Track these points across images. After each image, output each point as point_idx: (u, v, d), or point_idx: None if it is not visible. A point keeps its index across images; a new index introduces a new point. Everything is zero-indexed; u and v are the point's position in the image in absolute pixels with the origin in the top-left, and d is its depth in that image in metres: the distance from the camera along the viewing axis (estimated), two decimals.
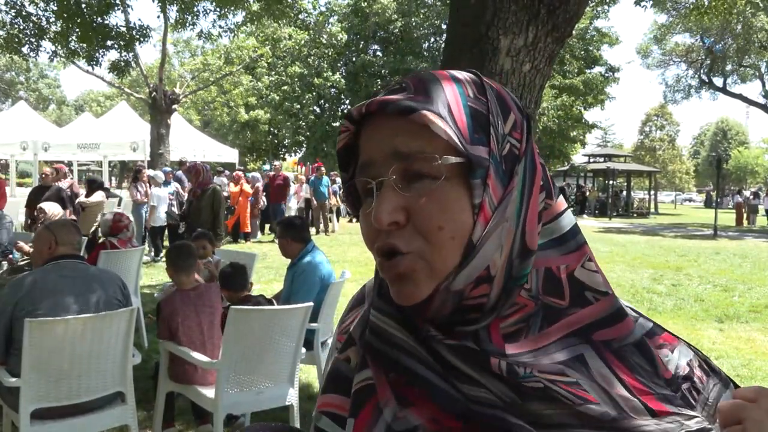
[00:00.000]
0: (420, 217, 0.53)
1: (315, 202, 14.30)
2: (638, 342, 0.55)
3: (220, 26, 12.05)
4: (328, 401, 0.63)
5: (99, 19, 9.06)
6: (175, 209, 9.65)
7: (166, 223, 9.55)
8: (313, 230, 14.49)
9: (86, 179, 9.79)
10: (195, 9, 11.08)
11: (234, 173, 13.02)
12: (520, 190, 0.55)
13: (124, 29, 9.95)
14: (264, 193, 13.11)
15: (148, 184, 10.19)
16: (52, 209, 5.35)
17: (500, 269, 0.54)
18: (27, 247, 4.90)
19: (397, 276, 0.54)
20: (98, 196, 7.84)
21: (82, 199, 8.01)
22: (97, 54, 9.84)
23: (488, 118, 0.55)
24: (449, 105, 0.54)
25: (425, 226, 0.53)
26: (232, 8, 11.03)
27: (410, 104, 0.53)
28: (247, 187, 12.27)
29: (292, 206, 14.17)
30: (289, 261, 3.96)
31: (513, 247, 0.54)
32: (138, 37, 10.05)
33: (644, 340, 0.55)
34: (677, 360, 0.55)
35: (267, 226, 13.75)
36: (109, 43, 9.66)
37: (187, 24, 11.41)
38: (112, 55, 10.28)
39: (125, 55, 10.40)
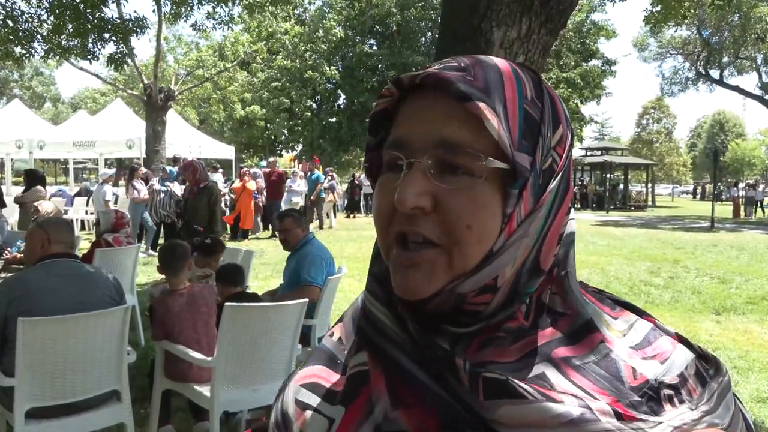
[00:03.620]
0: (450, 211, 0.50)
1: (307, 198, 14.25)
2: (601, 359, 0.52)
3: (214, 19, 11.96)
4: (308, 373, 0.61)
5: (94, 12, 9.00)
6: (170, 207, 9.64)
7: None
8: (312, 225, 14.49)
9: (24, 172, 9.53)
10: (189, 1, 11.02)
11: (243, 170, 12.97)
12: (548, 208, 0.53)
13: (119, 21, 9.88)
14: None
15: (144, 182, 10.18)
16: (46, 207, 5.33)
17: (507, 282, 0.52)
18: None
19: (411, 265, 0.52)
20: (34, 191, 7.74)
21: (19, 194, 7.93)
22: (93, 48, 9.78)
23: (540, 127, 0.52)
24: (506, 102, 0.51)
25: (454, 221, 0.50)
26: (227, 1, 11.00)
27: (469, 91, 0.50)
28: (252, 184, 12.20)
29: (298, 201, 14.14)
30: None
31: (525, 262, 0.52)
32: (134, 28, 9.98)
33: (609, 356, 0.52)
34: (666, 371, 0.52)
35: (263, 222, 13.73)
36: (105, 35, 9.60)
37: (182, 17, 11.35)
38: (109, 48, 10.15)
39: (122, 48, 10.33)
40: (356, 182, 19.54)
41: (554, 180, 0.53)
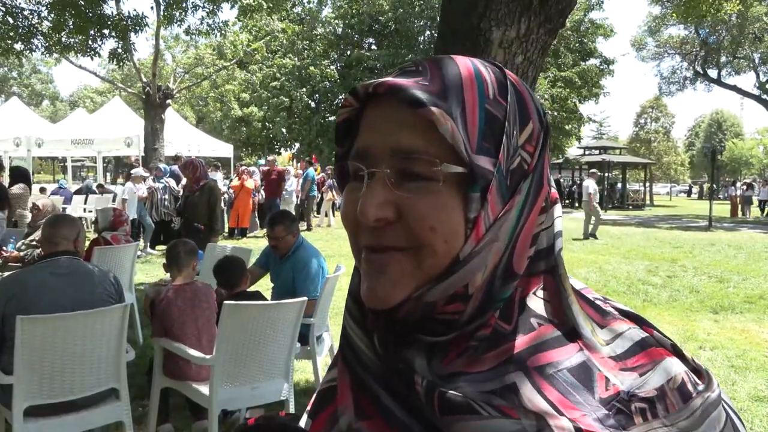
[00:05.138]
0: (412, 215, 0.49)
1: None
2: (575, 366, 0.50)
3: (209, 24, 11.92)
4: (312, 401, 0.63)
5: (94, 8, 9.00)
6: (169, 205, 9.64)
7: None
8: (315, 221, 14.44)
9: (10, 169, 9.52)
10: (184, 5, 10.99)
11: (240, 168, 12.93)
12: (519, 209, 0.51)
13: (118, 18, 9.87)
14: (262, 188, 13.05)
15: (142, 180, 10.17)
16: (44, 204, 5.32)
17: (479, 289, 0.50)
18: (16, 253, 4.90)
19: (380, 267, 0.51)
20: (18, 188, 7.73)
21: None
22: (94, 44, 9.78)
23: (503, 126, 0.50)
24: (464, 104, 0.49)
25: (416, 225, 0.49)
26: (222, 4, 10.97)
27: (421, 97, 0.48)
28: (249, 183, 12.15)
29: (293, 201, 14.09)
30: None
31: (498, 267, 0.51)
32: (132, 25, 9.97)
33: (584, 364, 0.50)
34: (643, 383, 0.50)
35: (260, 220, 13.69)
36: (105, 32, 9.60)
37: (175, 20, 11.33)
38: (110, 44, 10.17)
39: (122, 44, 10.33)
40: None
41: (525, 180, 0.51)
